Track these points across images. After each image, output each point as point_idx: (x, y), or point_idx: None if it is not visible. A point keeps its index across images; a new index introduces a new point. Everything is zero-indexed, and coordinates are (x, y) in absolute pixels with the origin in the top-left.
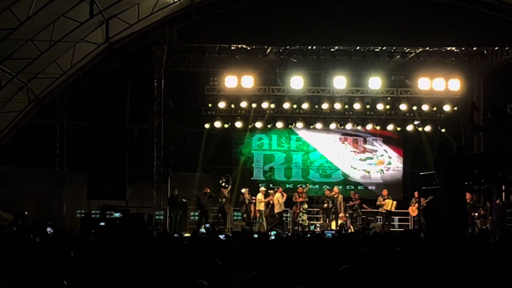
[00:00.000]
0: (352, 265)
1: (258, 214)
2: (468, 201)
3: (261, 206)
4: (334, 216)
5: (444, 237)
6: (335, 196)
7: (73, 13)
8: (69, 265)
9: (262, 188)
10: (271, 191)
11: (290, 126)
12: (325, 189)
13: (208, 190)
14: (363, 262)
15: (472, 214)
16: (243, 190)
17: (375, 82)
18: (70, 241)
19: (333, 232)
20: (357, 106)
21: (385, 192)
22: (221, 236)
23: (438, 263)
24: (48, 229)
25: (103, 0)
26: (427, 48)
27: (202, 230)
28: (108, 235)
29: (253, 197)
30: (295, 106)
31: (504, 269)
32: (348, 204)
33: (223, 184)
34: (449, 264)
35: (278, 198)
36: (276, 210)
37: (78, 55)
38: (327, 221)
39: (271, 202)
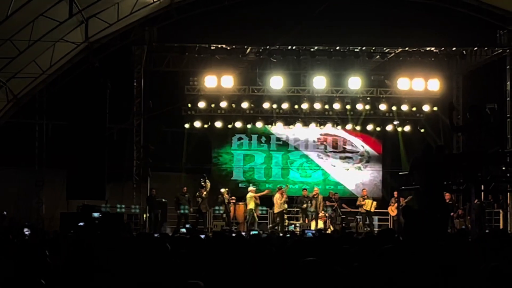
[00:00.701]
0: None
1: (246, 214)
2: (447, 201)
3: (251, 205)
4: (314, 216)
5: (423, 237)
6: (315, 196)
7: (52, 13)
8: (46, 265)
9: (252, 188)
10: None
11: (270, 125)
12: (302, 190)
13: (185, 190)
14: (341, 260)
15: (452, 214)
16: (222, 190)
17: (354, 82)
18: (48, 241)
19: (313, 232)
20: (336, 106)
21: (364, 192)
22: (202, 236)
23: (415, 262)
24: (25, 230)
25: (83, 0)
26: (407, 48)
27: (183, 230)
28: (87, 235)
29: (233, 197)
30: (275, 106)
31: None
32: (327, 204)
33: (202, 184)
34: (426, 264)
35: (277, 198)
36: (276, 210)
37: (57, 54)
38: (307, 221)
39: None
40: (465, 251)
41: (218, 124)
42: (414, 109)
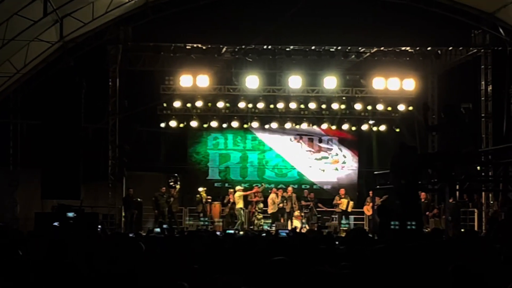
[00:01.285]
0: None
1: (237, 213)
2: (422, 200)
3: (240, 204)
4: (288, 215)
5: (397, 236)
6: (290, 195)
7: (26, 12)
8: (17, 264)
9: (239, 187)
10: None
11: (245, 125)
12: (277, 190)
13: (164, 189)
14: (315, 259)
15: (427, 213)
16: (200, 189)
17: (330, 82)
18: (20, 240)
19: (288, 231)
20: (312, 105)
21: (342, 191)
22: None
23: (389, 261)
24: None
25: None
26: (382, 48)
27: (157, 229)
28: (62, 235)
29: (208, 197)
30: (250, 105)
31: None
32: (302, 204)
33: (171, 184)
34: (400, 263)
35: (273, 198)
36: (270, 210)
37: (31, 54)
38: (282, 221)
39: (231, 200)
40: (437, 251)
41: (194, 123)
42: (389, 108)
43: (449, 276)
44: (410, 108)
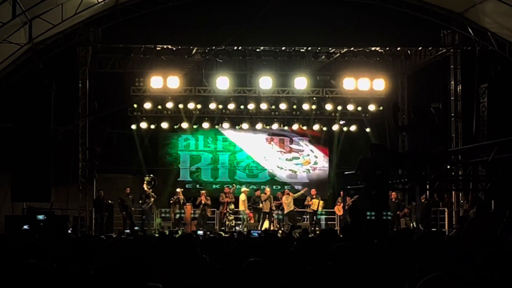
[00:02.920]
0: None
1: (241, 214)
2: (393, 200)
3: (243, 206)
4: (265, 216)
5: (366, 235)
6: (269, 196)
7: None
8: None
9: (244, 189)
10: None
11: (216, 126)
12: (255, 191)
13: (129, 191)
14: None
15: (397, 212)
16: (178, 190)
17: (300, 82)
18: None
19: (259, 232)
20: (283, 106)
21: (313, 191)
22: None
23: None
24: None
25: (26, 0)
26: (352, 48)
27: (127, 231)
28: (32, 237)
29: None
30: (221, 106)
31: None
32: (274, 204)
33: (152, 184)
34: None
35: (285, 199)
36: (286, 210)
37: (0, 56)
38: (260, 222)
39: (203, 202)
40: (406, 250)
41: (165, 125)
42: (359, 108)
43: (416, 274)
44: (380, 108)
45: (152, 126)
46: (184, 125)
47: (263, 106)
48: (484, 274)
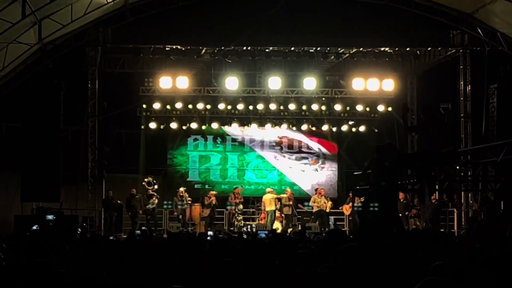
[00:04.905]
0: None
1: (264, 215)
2: (401, 200)
3: (271, 207)
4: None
5: (374, 235)
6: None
7: (4, 14)
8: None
9: (269, 189)
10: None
11: (225, 126)
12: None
13: (135, 191)
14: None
15: (406, 213)
16: (181, 189)
17: (310, 83)
18: (0, 243)
19: (266, 232)
20: (292, 106)
21: (322, 191)
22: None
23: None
24: None
25: (36, 1)
26: (361, 49)
27: (138, 232)
28: (42, 237)
29: (189, 198)
30: (230, 106)
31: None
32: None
33: (154, 185)
34: (372, 261)
35: (315, 198)
36: (315, 209)
37: (10, 56)
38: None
39: (213, 202)
40: (416, 250)
41: (174, 125)
42: (368, 109)
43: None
44: (390, 108)
45: (161, 126)
46: (193, 125)
47: (272, 106)
48: (491, 277)
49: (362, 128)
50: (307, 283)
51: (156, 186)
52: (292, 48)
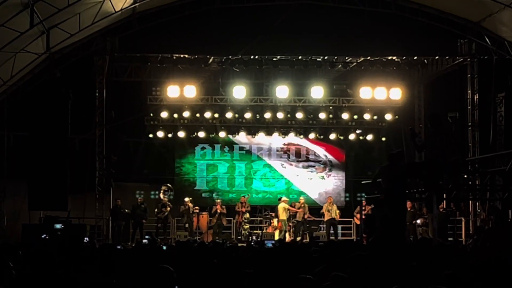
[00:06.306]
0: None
1: (281, 224)
2: (408, 209)
3: (284, 216)
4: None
5: (382, 244)
6: (302, 206)
7: (13, 23)
8: (9, 275)
9: (284, 198)
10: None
11: (233, 135)
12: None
13: (141, 200)
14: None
15: (413, 222)
16: (186, 199)
17: (317, 91)
18: (9, 252)
19: (273, 242)
20: (299, 115)
21: (330, 199)
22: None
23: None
24: None
25: (44, 10)
26: (369, 58)
27: (145, 240)
28: (50, 246)
29: (196, 207)
30: (237, 115)
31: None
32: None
33: (169, 193)
34: (389, 272)
35: (327, 206)
36: (326, 218)
37: (18, 65)
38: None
39: (218, 211)
40: (423, 259)
41: (181, 134)
42: (376, 117)
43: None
44: (397, 117)
45: (169, 135)
46: (201, 134)
47: (280, 115)
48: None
49: (369, 137)
50: None
51: (172, 195)
52: (300, 57)
